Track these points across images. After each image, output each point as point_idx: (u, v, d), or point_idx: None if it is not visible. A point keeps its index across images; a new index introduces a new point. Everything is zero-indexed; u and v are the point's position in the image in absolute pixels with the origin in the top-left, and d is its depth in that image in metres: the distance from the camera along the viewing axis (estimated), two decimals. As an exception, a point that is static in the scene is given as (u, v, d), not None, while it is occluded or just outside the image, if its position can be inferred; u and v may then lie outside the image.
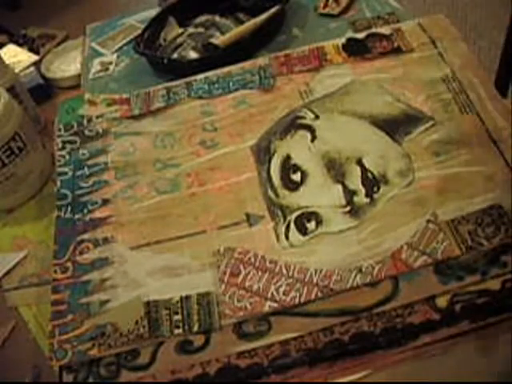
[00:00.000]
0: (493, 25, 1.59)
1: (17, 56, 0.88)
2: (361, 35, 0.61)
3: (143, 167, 0.54)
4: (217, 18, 0.79)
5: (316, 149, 0.51)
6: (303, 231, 0.46)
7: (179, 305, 0.43)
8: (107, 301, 0.44)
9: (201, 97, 0.59)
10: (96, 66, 0.78)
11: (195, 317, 0.42)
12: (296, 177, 0.49)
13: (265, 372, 0.40)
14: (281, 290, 0.42)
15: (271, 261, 0.44)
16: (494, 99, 0.51)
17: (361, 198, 0.47)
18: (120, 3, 2.08)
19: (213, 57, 0.69)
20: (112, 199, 0.52)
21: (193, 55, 0.74)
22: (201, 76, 0.61)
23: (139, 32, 0.77)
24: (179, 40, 0.78)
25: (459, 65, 0.54)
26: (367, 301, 0.41)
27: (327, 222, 0.46)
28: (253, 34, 0.69)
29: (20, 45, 0.95)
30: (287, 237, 0.46)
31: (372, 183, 0.47)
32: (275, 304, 0.42)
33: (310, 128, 0.53)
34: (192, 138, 0.55)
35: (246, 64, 0.61)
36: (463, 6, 1.70)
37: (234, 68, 0.61)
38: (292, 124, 0.54)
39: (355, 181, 0.48)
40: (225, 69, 0.61)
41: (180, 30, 0.79)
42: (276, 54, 0.62)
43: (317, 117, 0.54)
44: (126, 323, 0.43)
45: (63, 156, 0.56)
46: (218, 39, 0.71)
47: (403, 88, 0.54)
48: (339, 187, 0.48)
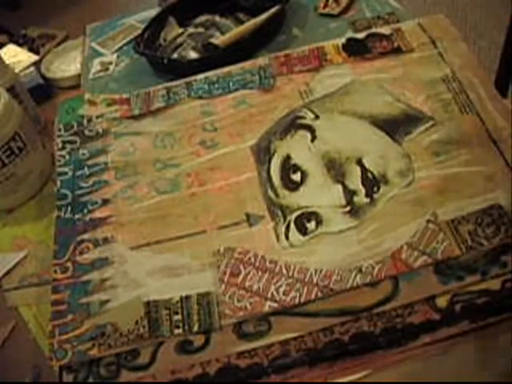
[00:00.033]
0: (493, 25, 1.59)
1: (17, 56, 0.88)
2: (361, 35, 0.61)
3: (143, 167, 0.54)
4: (217, 18, 0.79)
5: (316, 149, 0.51)
6: (303, 231, 0.46)
7: (179, 305, 0.43)
8: (107, 301, 0.44)
9: (201, 97, 0.59)
10: (96, 66, 0.78)
11: (195, 317, 0.42)
12: (296, 177, 0.49)
13: (265, 372, 0.40)
14: (281, 290, 0.42)
15: (271, 261, 0.44)
16: (494, 99, 0.51)
17: (361, 198, 0.47)
18: (120, 3, 2.08)
19: (213, 57, 0.69)
20: (112, 199, 0.52)
21: (193, 55, 0.74)
22: (201, 76, 0.61)
23: (139, 32, 0.77)
24: (179, 40, 0.77)
25: (459, 65, 0.54)
26: (367, 301, 0.41)
27: (327, 222, 0.46)
28: (253, 34, 0.69)
29: (20, 45, 0.95)
30: (287, 237, 0.46)
31: (372, 183, 0.47)
32: (275, 304, 0.42)
33: (310, 128, 0.53)
34: (192, 138, 0.55)
35: (246, 64, 0.61)
36: (463, 6, 1.70)
37: (234, 68, 0.61)
38: (292, 124, 0.54)
39: (355, 181, 0.48)
40: (225, 69, 0.61)
41: (180, 30, 0.79)
42: (276, 54, 0.62)
43: (317, 117, 0.54)
44: (126, 323, 0.43)
45: (63, 156, 0.56)
46: (218, 39, 0.71)
47: (403, 88, 0.54)
48: (339, 187, 0.48)
